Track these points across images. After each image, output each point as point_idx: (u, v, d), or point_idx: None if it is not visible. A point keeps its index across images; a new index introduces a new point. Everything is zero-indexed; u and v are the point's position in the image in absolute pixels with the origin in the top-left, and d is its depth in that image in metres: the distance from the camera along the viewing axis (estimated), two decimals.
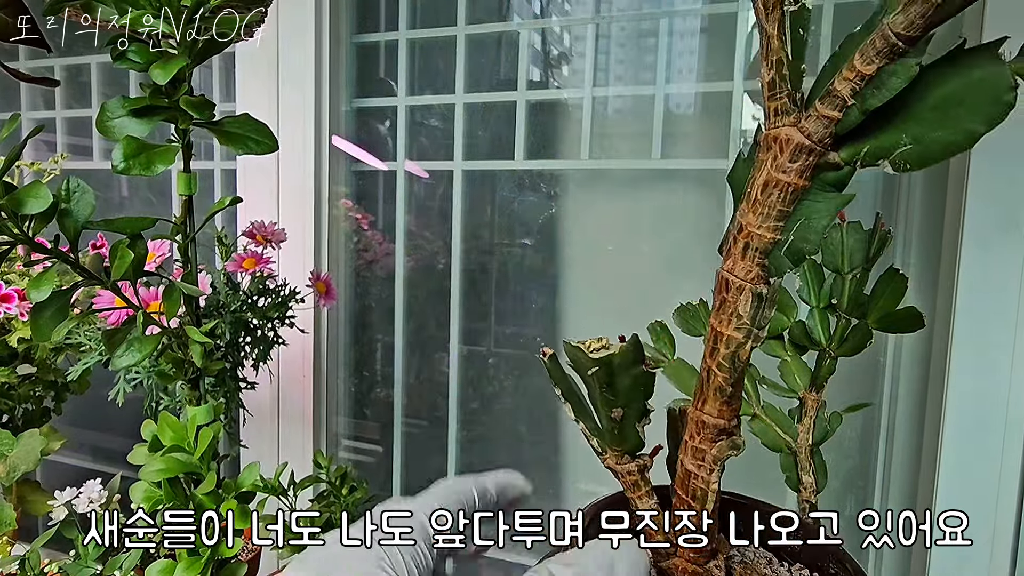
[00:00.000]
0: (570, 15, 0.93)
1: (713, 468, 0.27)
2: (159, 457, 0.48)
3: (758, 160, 0.23)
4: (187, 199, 0.47)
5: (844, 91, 0.20)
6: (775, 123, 0.22)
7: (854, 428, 0.80)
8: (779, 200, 0.22)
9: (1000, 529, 0.66)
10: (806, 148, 0.21)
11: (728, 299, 0.24)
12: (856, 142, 0.21)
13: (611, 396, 0.26)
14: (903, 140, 0.20)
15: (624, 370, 0.25)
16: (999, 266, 0.64)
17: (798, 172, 0.22)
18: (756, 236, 0.23)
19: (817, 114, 0.21)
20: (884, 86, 0.20)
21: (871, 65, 0.20)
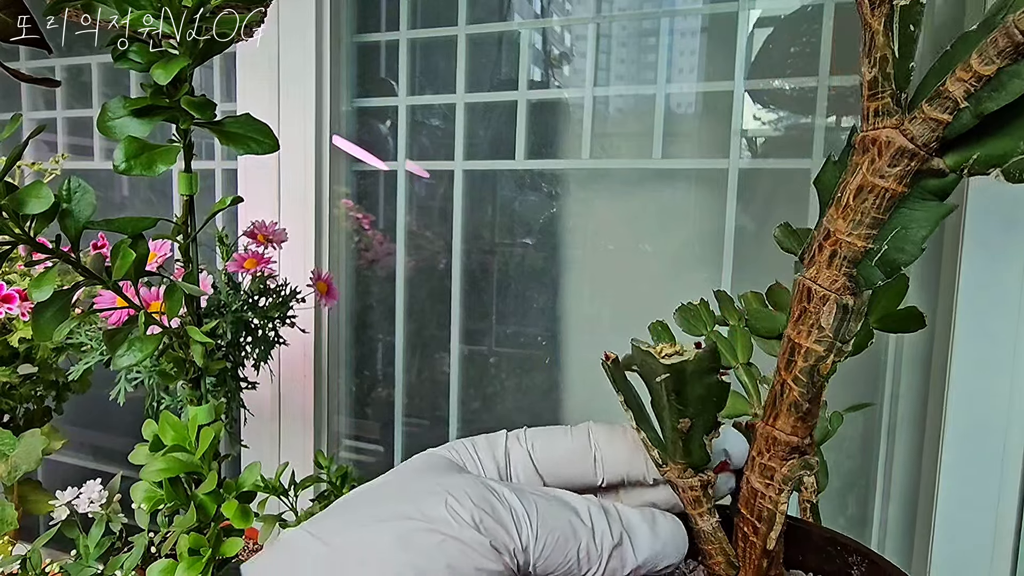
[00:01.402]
0: (571, 15, 0.93)
1: (783, 488, 0.26)
2: (160, 457, 0.48)
3: (852, 163, 0.21)
4: (188, 199, 0.47)
5: (957, 92, 0.19)
6: (874, 124, 0.20)
7: (855, 428, 0.80)
8: (874, 207, 0.21)
9: (1001, 529, 0.66)
10: (908, 152, 0.20)
11: (810, 309, 0.23)
12: (965, 148, 0.20)
13: (680, 406, 0.24)
14: (1020, 147, 0.19)
15: (697, 378, 0.23)
16: (1000, 265, 0.64)
17: (897, 177, 0.20)
18: (846, 244, 0.22)
19: (924, 116, 0.20)
20: (1004, 88, 0.18)
21: (990, 65, 0.18)
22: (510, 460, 0.29)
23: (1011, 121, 0.19)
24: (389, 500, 0.25)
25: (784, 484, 0.26)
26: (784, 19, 0.79)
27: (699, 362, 0.22)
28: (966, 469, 0.67)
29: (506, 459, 0.29)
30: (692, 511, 0.27)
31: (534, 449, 0.29)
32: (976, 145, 0.20)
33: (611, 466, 0.29)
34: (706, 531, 0.27)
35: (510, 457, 0.29)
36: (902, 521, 0.78)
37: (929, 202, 0.21)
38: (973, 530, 0.67)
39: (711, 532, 0.27)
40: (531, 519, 0.24)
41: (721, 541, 0.27)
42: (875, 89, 0.20)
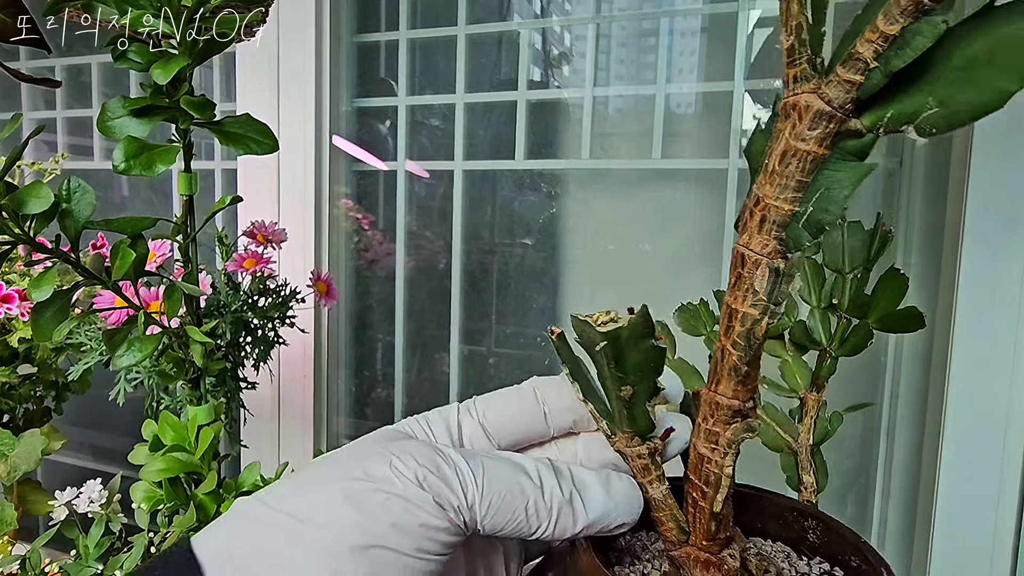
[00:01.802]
0: (570, 15, 0.93)
1: (727, 451, 0.26)
2: (160, 457, 0.48)
3: (776, 130, 0.22)
4: (188, 199, 0.47)
5: (866, 53, 0.19)
6: (794, 90, 0.21)
7: (855, 428, 0.80)
8: (798, 170, 0.21)
9: (1001, 528, 0.66)
10: (826, 115, 0.21)
11: (744, 274, 0.23)
12: (879, 107, 0.20)
13: (620, 373, 0.24)
14: (929, 103, 0.19)
15: (633, 344, 0.23)
16: (1000, 265, 0.64)
17: (818, 140, 0.21)
18: (773, 208, 0.22)
19: (838, 79, 0.20)
20: (908, 46, 0.19)
21: (895, 24, 0.19)
22: (462, 432, 0.29)
23: (919, 77, 0.19)
24: (337, 464, 0.26)
25: (728, 448, 0.26)
26: None
27: (633, 328, 0.23)
28: (966, 468, 0.67)
29: (458, 430, 0.29)
30: (642, 479, 0.28)
31: (485, 417, 0.29)
32: (889, 104, 0.20)
33: (558, 415, 0.29)
34: (656, 498, 0.28)
35: (462, 429, 0.29)
36: (902, 521, 0.78)
37: (849, 162, 0.22)
38: (973, 529, 0.67)
39: (661, 499, 0.28)
40: (476, 477, 0.25)
41: (672, 508, 0.28)
42: (792, 56, 0.21)
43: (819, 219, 0.22)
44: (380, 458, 0.25)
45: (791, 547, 0.32)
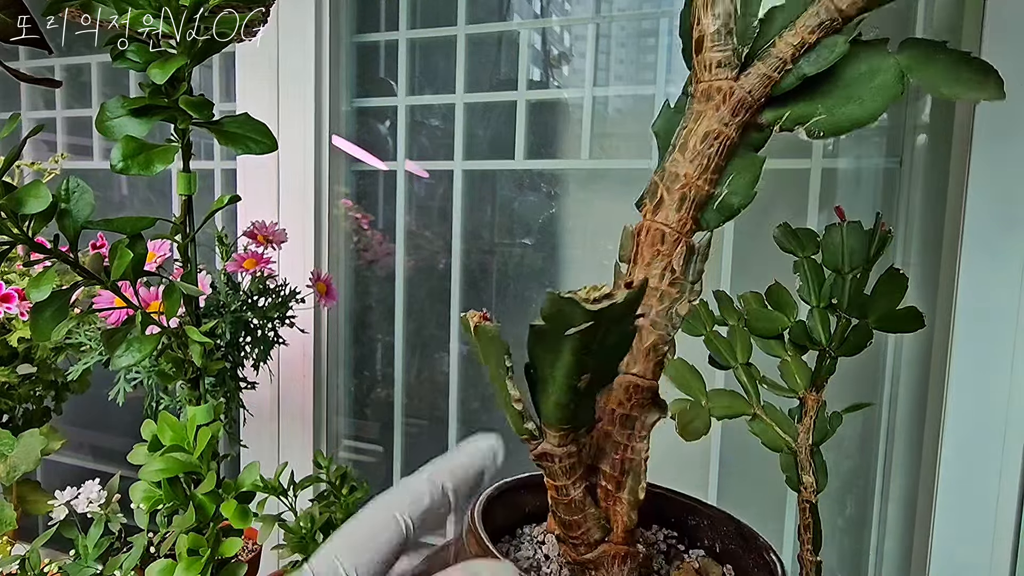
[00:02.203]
0: (570, 15, 0.93)
1: (645, 436, 0.25)
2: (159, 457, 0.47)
3: (694, 111, 0.23)
4: (187, 199, 0.47)
5: (786, 54, 0.21)
6: (716, 75, 0.22)
7: (854, 428, 0.80)
8: (717, 153, 0.22)
9: (1000, 529, 0.66)
10: (747, 104, 0.22)
11: (663, 251, 0.24)
12: (779, 107, 0.22)
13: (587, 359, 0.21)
14: (819, 110, 0.22)
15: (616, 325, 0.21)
16: (1000, 266, 0.64)
17: (737, 127, 0.22)
18: (695, 187, 0.23)
19: (759, 72, 0.22)
20: (820, 57, 0.21)
21: (814, 34, 0.21)
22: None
23: (818, 87, 0.22)
24: None
25: (646, 431, 0.25)
26: None
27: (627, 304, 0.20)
28: (965, 468, 0.67)
29: None
30: (566, 481, 0.25)
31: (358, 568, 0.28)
32: (787, 105, 0.22)
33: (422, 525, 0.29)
34: (576, 500, 0.25)
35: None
36: (901, 521, 0.78)
37: (750, 153, 0.23)
38: (972, 530, 0.67)
39: (581, 499, 0.25)
40: None
41: (590, 506, 0.26)
42: (717, 41, 0.22)
43: (731, 203, 0.23)
44: None
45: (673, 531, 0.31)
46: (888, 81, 0.21)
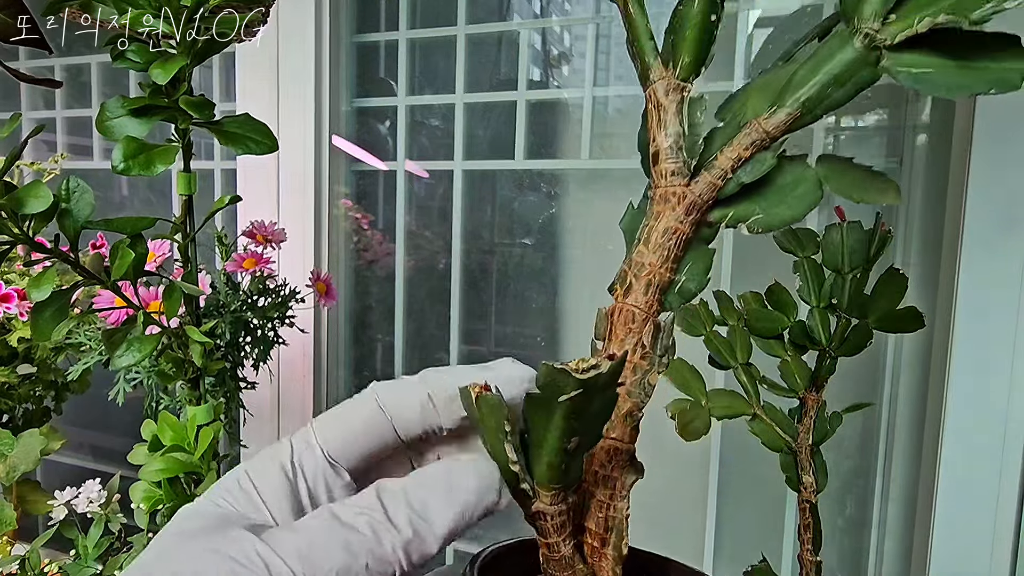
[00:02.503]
0: (570, 15, 0.93)
1: (625, 495, 0.28)
2: (159, 457, 0.48)
3: (654, 211, 0.27)
4: (187, 199, 0.47)
5: (727, 166, 0.26)
6: (671, 182, 0.27)
7: (854, 428, 0.80)
8: (676, 245, 0.27)
9: (1000, 529, 0.66)
10: (697, 205, 0.26)
11: (634, 329, 0.27)
12: (724, 207, 0.27)
13: (576, 423, 0.24)
14: (756, 210, 0.26)
15: (601, 392, 0.23)
16: (1000, 266, 0.64)
17: (691, 224, 0.27)
18: (658, 274, 0.27)
19: (706, 180, 0.26)
20: (753, 169, 0.26)
21: (748, 150, 0.26)
22: (304, 473, 0.26)
23: (755, 191, 0.26)
24: None
25: (626, 491, 0.28)
26: (784, 19, 0.79)
27: (611, 374, 0.23)
28: (965, 468, 0.67)
29: (295, 472, 0.26)
30: (557, 538, 0.26)
31: (327, 444, 0.26)
32: (730, 206, 0.27)
33: (406, 425, 0.27)
34: (567, 556, 0.27)
35: (303, 469, 0.26)
36: (901, 521, 0.78)
37: (702, 245, 0.28)
38: (972, 530, 0.67)
39: (570, 556, 0.27)
40: (295, 571, 0.21)
41: (579, 562, 0.27)
42: (671, 156, 0.27)
43: (689, 288, 0.27)
44: None
45: None
46: (809, 189, 0.26)
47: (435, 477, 0.25)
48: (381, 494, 0.24)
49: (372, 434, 0.26)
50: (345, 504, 0.24)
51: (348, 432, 0.26)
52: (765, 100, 0.26)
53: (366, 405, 0.27)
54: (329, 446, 0.26)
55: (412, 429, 0.27)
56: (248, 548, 0.22)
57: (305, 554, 0.22)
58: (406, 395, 0.27)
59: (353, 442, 0.26)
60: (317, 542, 0.22)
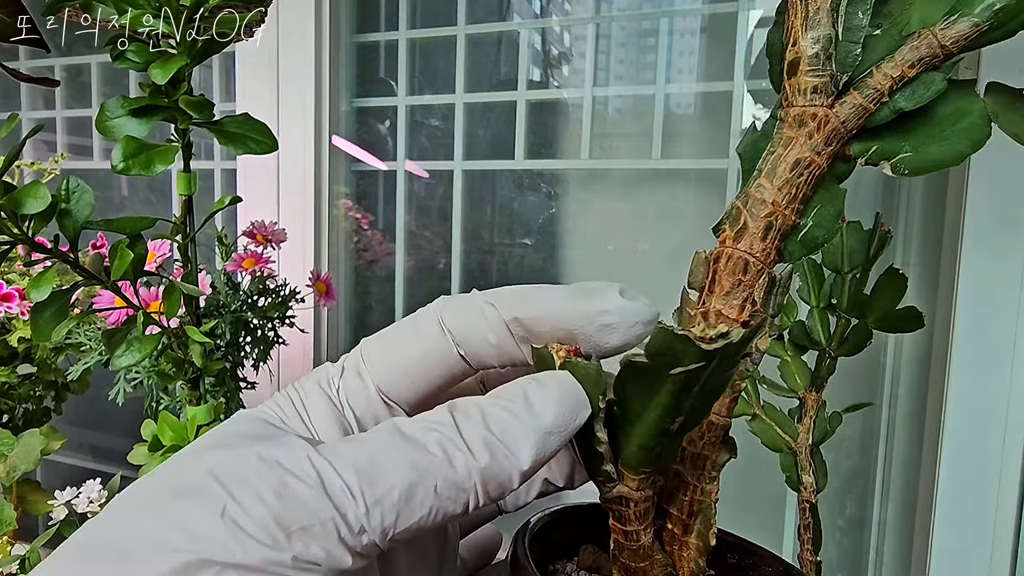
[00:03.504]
0: (570, 15, 0.93)
1: (716, 476, 0.24)
2: (159, 457, 0.48)
3: (784, 136, 0.21)
4: (187, 199, 0.47)
5: (884, 86, 0.20)
6: (812, 101, 0.21)
7: (854, 428, 0.80)
8: (807, 183, 0.21)
9: (1000, 529, 0.66)
10: (840, 133, 0.21)
11: (745, 281, 0.22)
12: (867, 140, 0.21)
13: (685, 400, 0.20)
14: (905, 147, 0.21)
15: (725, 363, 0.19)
16: (1000, 266, 0.64)
17: (828, 156, 0.21)
18: (782, 216, 0.21)
19: (855, 102, 0.21)
20: (916, 93, 0.20)
21: (913, 68, 0.20)
22: (350, 407, 0.22)
23: (907, 123, 0.21)
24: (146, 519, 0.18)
25: (716, 471, 0.24)
26: None
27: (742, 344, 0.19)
28: (965, 468, 0.67)
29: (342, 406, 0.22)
30: (638, 527, 0.23)
31: (380, 378, 0.22)
32: (875, 139, 0.21)
33: (478, 355, 0.22)
34: (646, 546, 0.23)
35: (349, 404, 0.22)
36: (901, 521, 0.78)
37: (834, 185, 0.22)
38: (972, 530, 0.67)
39: (649, 545, 0.23)
40: (352, 489, 0.18)
41: (657, 551, 0.24)
42: (815, 67, 0.21)
43: (815, 235, 0.22)
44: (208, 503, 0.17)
45: None
46: (975, 124, 0.21)
47: (515, 398, 0.20)
48: (454, 411, 0.20)
49: (434, 366, 0.22)
50: (413, 419, 0.20)
51: (405, 364, 0.22)
52: (940, 4, 0.20)
53: (427, 328, 0.22)
54: (383, 381, 0.22)
55: (484, 361, 0.22)
56: (300, 456, 0.18)
57: (364, 468, 0.18)
58: (478, 320, 0.22)
59: (411, 376, 0.22)
60: (378, 457, 0.18)
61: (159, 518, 0.17)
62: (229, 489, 0.17)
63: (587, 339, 0.21)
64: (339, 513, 0.17)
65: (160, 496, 0.18)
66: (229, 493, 0.17)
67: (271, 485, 0.17)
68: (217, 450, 0.19)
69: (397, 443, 0.19)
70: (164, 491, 0.18)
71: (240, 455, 0.19)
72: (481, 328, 0.22)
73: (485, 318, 0.22)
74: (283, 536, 0.17)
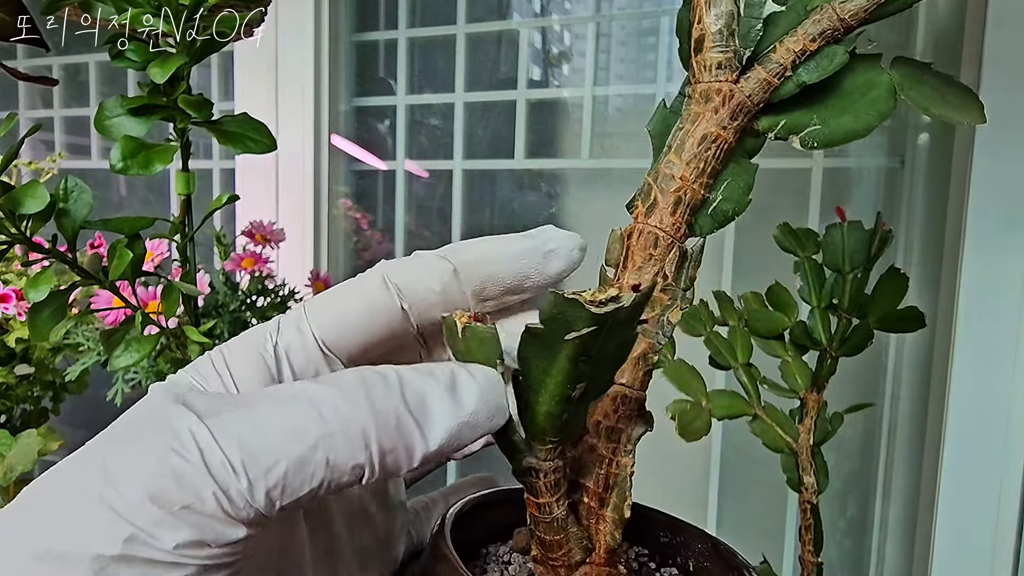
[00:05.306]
0: (570, 13, 0.93)
1: (631, 450, 0.24)
2: None
3: (692, 112, 0.22)
4: (185, 198, 0.46)
5: (787, 61, 0.21)
6: (717, 76, 0.22)
7: (855, 429, 0.80)
8: (715, 157, 0.22)
9: (1002, 530, 0.66)
10: (746, 108, 0.22)
11: (655, 256, 0.23)
12: (775, 114, 0.22)
13: (585, 367, 0.20)
14: (814, 120, 0.22)
15: (619, 330, 0.20)
16: (1001, 266, 0.64)
17: (735, 130, 0.22)
18: (690, 191, 0.22)
19: (759, 77, 0.21)
20: (819, 66, 0.21)
21: (815, 42, 0.21)
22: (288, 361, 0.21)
23: (814, 96, 0.22)
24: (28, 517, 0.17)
25: (632, 444, 0.24)
26: None
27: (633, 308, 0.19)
28: (967, 469, 0.67)
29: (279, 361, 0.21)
30: (550, 498, 0.23)
31: (321, 330, 0.22)
32: (783, 113, 0.22)
33: (421, 308, 0.22)
34: (560, 518, 0.23)
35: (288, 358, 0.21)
36: (903, 522, 0.78)
37: (744, 159, 0.23)
38: (974, 531, 0.67)
39: (563, 518, 0.23)
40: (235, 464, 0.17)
41: (572, 525, 0.24)
42: (719, 43, 0.21)
43: (725, 209, 0.23)
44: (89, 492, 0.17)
45: None
46: (882, 96, 0.21)
47: (440, 375, 0.19)
48: (367, 373, 0.19)
49: (376, 319, 0.22)
50: (319, 378, 0.19)
51: (347, 315, 0.22)
52: None
53: (371, 283, 0.22)
54: (324, 332, 0.22)
55: (428, 313, 0.22)
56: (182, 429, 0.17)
57: (248, 440, 0.17)
58: (422, 272, 0.22)
59: (353, 327, 0.22)
60: (266, 426, 0.17)
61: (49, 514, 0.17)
62: (109, 474, 0.17)
63: (535, 270, 0.23)
64: (221, 489, 0.17)
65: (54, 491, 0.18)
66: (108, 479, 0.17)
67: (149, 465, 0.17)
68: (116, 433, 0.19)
69: (291, 409, 0.18)
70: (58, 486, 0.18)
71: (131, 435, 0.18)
72: (426, 279, 0.22)
73: (431, 267, 0.22)
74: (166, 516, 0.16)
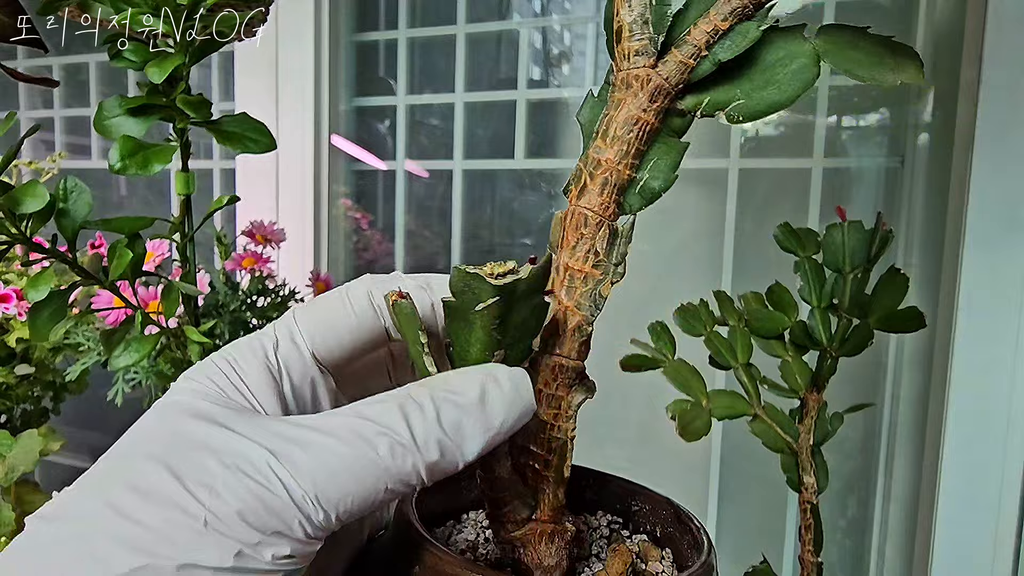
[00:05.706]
0: (570, 13, 0.93)
1: (571, 416, 0.26)
2: None
3: (614, 99, 0.24)
4: (185, 198, 0.46)
5: (700, 41, 0.22)
6: (634, 63, 0.23)
7: (856, 429, 0.80)
8: (637, 138, 0.23)
9: (1003, 529, 0.66)
10: (664, 90, 0.23)
11: (586, 234, 0.24)
12: (699, 93, 0.23)
13: (499, 335, 0.22)
14: (737, 95, 0.23)
15: (525, 300, 0.22)
16: (1001, 266, 0.64)
17: (655, 112, 0.23)
18: (615, 172, 0.24)
19: (675, 59, 0.23)
20: (734, 43, 0.22)
21: (726, 21, 0.22)
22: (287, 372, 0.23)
23: (731, 72, 0.23)
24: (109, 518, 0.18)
25: (573, 410, 0.26)
26: (784, 19, 0.79)
27: (532, 280, 0.21)
28: (967, 470, 0.67)
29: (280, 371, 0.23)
30: (491, 459, 0.25)
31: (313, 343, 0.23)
32: (707, 91, 0.23)
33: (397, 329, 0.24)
34: (503, 477, 0.25)
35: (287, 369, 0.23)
36: (903, 523, 0.78)
37: (672, 139, 0.24)
38: (974, 532, 0.67)
39: (508, 477, 0.25)
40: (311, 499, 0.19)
41: (516, 483, 0.26)
42: (634, 32, 0.23)
43: (653, 187, 0.25)
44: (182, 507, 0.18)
45: None
46: (805, 65, 0.22)
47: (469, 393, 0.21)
48: (406, 409, 0.21)
49: (363, 336, 0.24)
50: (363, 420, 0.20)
51: (338, 334, 0.24)
52: None
53: (358, 302, 0.24)
54: (317, 348, 0.24)
55: None
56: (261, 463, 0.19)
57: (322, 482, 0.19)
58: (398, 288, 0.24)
59: (342, 346, 0.24)
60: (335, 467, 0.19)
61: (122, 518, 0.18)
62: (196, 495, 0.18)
63: None
64: (304, 517, 0.19)
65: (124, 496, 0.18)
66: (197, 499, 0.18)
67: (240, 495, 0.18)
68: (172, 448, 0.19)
69: (353, 452, 0.20)
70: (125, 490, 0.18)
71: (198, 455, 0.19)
72: None
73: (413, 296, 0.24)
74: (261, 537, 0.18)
